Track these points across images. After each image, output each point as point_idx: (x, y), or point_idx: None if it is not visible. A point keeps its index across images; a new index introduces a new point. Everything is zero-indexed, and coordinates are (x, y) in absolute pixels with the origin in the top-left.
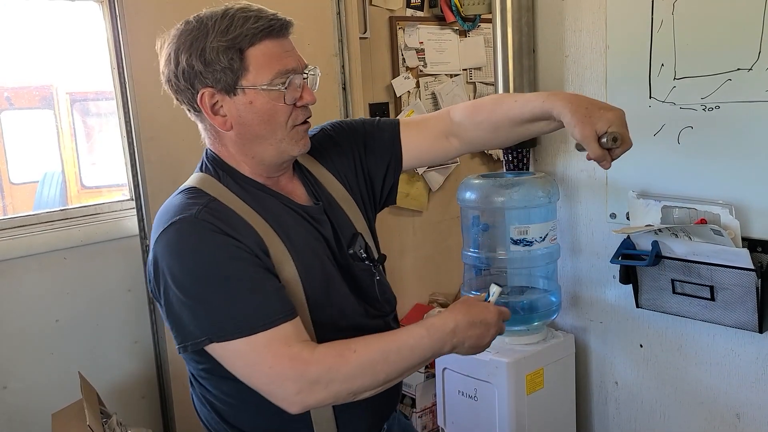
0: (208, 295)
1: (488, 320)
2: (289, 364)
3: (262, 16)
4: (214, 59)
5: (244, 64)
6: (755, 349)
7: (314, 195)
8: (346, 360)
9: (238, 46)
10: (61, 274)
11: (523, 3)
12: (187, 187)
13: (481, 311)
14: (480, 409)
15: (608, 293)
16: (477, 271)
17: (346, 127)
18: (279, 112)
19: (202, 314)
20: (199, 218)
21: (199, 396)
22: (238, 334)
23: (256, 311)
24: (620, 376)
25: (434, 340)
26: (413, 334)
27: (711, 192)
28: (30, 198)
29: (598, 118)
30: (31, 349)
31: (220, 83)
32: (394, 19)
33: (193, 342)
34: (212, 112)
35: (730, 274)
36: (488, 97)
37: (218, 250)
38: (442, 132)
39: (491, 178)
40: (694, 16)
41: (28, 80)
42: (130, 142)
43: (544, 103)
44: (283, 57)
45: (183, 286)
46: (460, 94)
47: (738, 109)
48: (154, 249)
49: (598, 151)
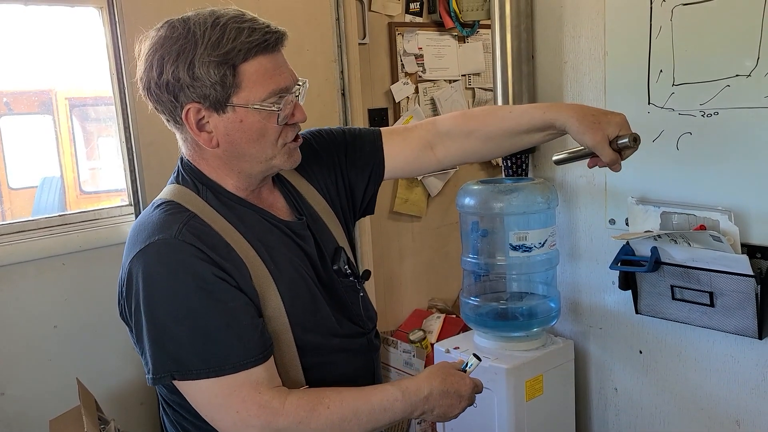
0: (178, 329)
1: (462, 392)
2: (257, 412)
3: (257, 28)
4: (204, 74)
5: (237, 81)
6: (755, 355)
7: (296, 208)
8: (317, 415)
9: (231, 62)
10: (59, 280)
11: (522, 9)
12: (164, 201)
13: (456, 381)
14: (479, 416)
15: (607, 299)
16: (476, 277)
17: (326, 136)
18: (270, 131)
19: (170, 348)
20: (179, 239)
21: (173, 421)
22: (204, 374)
23: (228, 351)
24: (620, 382)
25: (407, 404)
26: (388, 395)
27: (710, 198)
28: (28, 203)
29: (607, 123)
30: (29, 355)
31: (208, 100)
32: (393, 25)
33: (155, 377)
34: (197, 128)
35: (730, 280)
36: (478, 108)
37: (195, 279)
38: (427, 142)
39: (490, 183)
40: (692, 22)
41: (27, 85)
42: (129, 147)
43: (545, 114)
44: (276, 74)
45: (153, 314)
46: (459, 99)
47: (737, 115)
48: (129, 268)
49: (612, 155)
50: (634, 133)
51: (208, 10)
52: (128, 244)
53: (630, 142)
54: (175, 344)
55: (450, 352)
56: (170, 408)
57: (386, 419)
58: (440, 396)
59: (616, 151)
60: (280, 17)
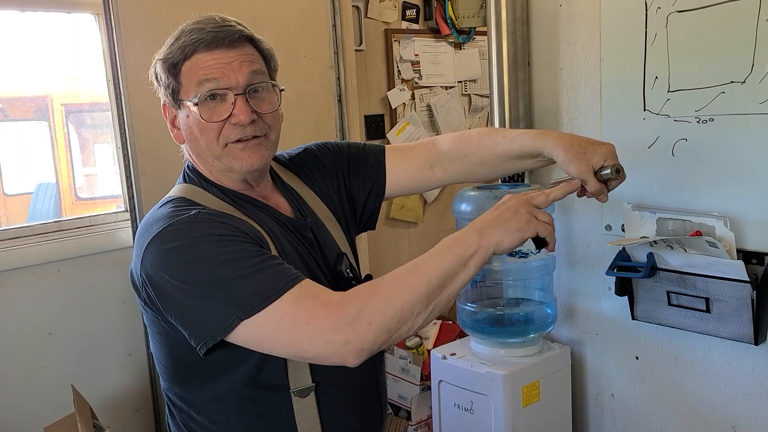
0: (222, 278)
1: (509, 203)
2: (325, 312)
3: (205, 28)
4: (161, 73)
5: (178, 79)
6: (751, 361)
7: (299, 211)
8: (376, 287)
9: (173, 60)
10: (54, 286)
11: (518, 16)
12: (174, 198)
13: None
14: (476, 422)
15: (604, 305)
16: (472, 283)
17: (331, 148)
18: (206, 128)
19: (222, 298)
20: (199, 219)
21: (179, 424)
22: (264, 302)
23: (274, 277)
24: (616, 388)
25: (457, 238)
26: (436, 245)
27: (706, 204)
28: (24, 209)
29: (593, 153)
30: (23, 361)
31: (168, 97)
32: (390, 32)
33: (221, 328)
34: (172, 125)
35: (726, 286)
36: (475, 130)
37: (222, 237)
38: (428, 161)
39: (487, 189)
40: (687, 29)
41: (23, 91)
42: (125, 153)
43: (534, 142)
44: (209, 70)
45: (192, 279)
46: (455, 106)
47: (732, 121)
48: (143, 259)
49: (596, 185)
50: (617, 164)
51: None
52: (139, 238)
53: (612, 173)
54: (225, 293)
55: (447, 358)
56: (177, 409)
57: (447, 258)
58: (486, 215)
59: (601, 182)
60: (277, 24)
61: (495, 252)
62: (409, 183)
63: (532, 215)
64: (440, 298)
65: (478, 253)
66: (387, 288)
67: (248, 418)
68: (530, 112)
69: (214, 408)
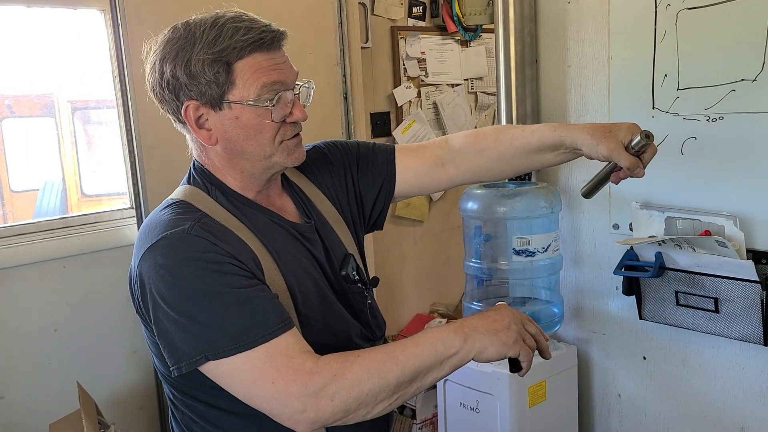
0: (201, 311)
1: (500, 310)
2: (292, 377)
3: (253, 27)
4: (200, 72)
5: (231, 78)
6: (760, 362)
7: (305, 213)
8: (350, 364)
9: (225, 59)
10: (60, 283)
11: (525, 13)
12: (175, 201)
13: (490, 309)
14: (481, 422)
15: (611, 305)
16: (478, 282)
17: (340, 147)
18: (266, 128)
19: (196, 331)
20: (191, 234)
21: (180, 424)
22: (235, 349)
23: (253, 323)
24: (623, 388)
25: (439, 335)
26: (419, 333)
27: (715, 203)
28: (30, 206)
29: (618, 129)
30: (29, 358)
31: (205, 96)
32: (396, 29)
33: (188, 362)
34: (197, 125)
35: (735, 286)
36: (491, 126)
37: (209, 264)
38: (439, 159)
39: (493, 188)
40: (697, 26)
41: (29, 88)
42: (130, 150)
43: (555, 132)
44: (271, 71)
45: (173, 303)
46: (461, 103)
47: (742, 119)
48: (140, 266)
49: (630, 159)
50: (646, 130)
51: (212, 13)
52: (138, 242)
53: (642, 138)
54: (201, 327)
55: None
56: (178, 411)
57: (425, 354)
58: (476, 318)
59: (634, 155)
60: (283, 20)
61: (474, 359)
62: (419, 182)
63: (521, 337)
64: (407, 390)
65: (458, 355)
66: (360, 369)
67: (250, 422)
68: (537, 110)
69: (214, 412)
